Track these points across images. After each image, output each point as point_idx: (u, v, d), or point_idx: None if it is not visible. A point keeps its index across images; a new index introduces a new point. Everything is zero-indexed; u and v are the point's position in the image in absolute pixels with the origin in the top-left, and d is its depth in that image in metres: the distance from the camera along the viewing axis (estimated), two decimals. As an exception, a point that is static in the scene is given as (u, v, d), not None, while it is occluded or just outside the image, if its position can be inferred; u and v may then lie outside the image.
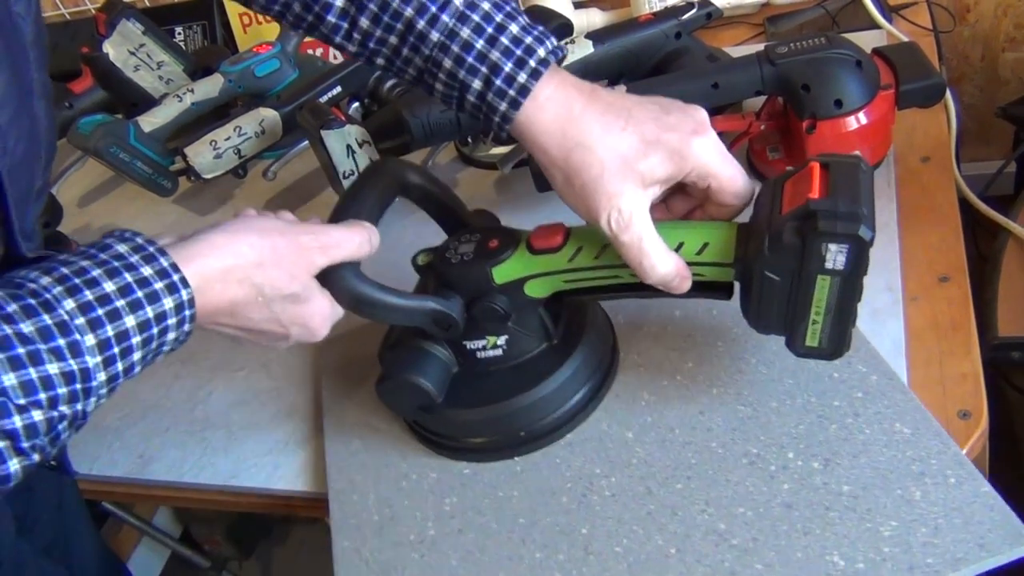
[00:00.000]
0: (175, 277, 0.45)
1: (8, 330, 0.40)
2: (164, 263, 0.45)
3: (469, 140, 0.95)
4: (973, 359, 0.59)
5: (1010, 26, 1.29)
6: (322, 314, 0.54)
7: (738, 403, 0.59)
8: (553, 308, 0.60)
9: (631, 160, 0.50)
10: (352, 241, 0.54)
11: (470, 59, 0.51)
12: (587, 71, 0.84)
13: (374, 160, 0.86)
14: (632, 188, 0.50)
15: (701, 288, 0.57)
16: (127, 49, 1.08)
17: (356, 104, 1.01)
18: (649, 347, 0.65)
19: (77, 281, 0.43)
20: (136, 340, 0.44)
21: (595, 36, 0.86)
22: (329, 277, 0.53)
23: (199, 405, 0.78)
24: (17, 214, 0.50)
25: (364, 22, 0.53)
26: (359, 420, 0.68)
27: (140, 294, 0.44)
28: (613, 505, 0.56)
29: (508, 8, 0.52)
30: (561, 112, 0.51)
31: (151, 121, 1.01)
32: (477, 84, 0.51)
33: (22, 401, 0.39)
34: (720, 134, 0.83)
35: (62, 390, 0.41)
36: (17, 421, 0.39)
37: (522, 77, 0.50)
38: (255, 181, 1.05)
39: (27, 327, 0.40)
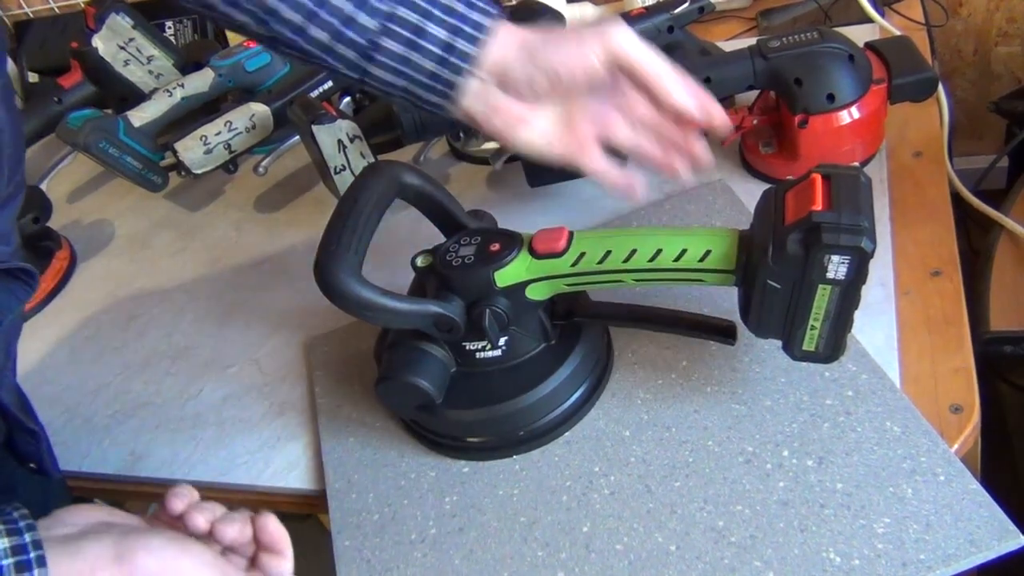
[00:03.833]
0: (32, 555, 0.40)
1: None
2: (27, 538, 0.40)
3: (461, 135, 0.94)
4: (965, 353, 0.60)
5: (1002, 20, 1.30)
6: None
7: (732, 401, 0.59)
8: (551, 309, 0.60)
9: None
10: None
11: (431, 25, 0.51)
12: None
13: (368, 159, 0.85)
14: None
15: (704, 329, 0.59)
16: (117, 44, 1.07)
17: (347, 99, 1.01)
18: (643, 346, 0.65)
19: None
20: None
21: (588, 30, 0.86)
22: (331, 282, 0.52)
23: (190, 402, 0.77)
24: None
25: (316, 33, 0.51)
26: (354, 418, 0.68)
27: None
28: (613, 503, 0.56)
29: None
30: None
31: (141, 116, 1.00)
32: (439, 42, 0.51)
33: None
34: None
35: None
36: None
37: (488, 21, 0.51)
38: (246, 176, 1.05)
39: None
